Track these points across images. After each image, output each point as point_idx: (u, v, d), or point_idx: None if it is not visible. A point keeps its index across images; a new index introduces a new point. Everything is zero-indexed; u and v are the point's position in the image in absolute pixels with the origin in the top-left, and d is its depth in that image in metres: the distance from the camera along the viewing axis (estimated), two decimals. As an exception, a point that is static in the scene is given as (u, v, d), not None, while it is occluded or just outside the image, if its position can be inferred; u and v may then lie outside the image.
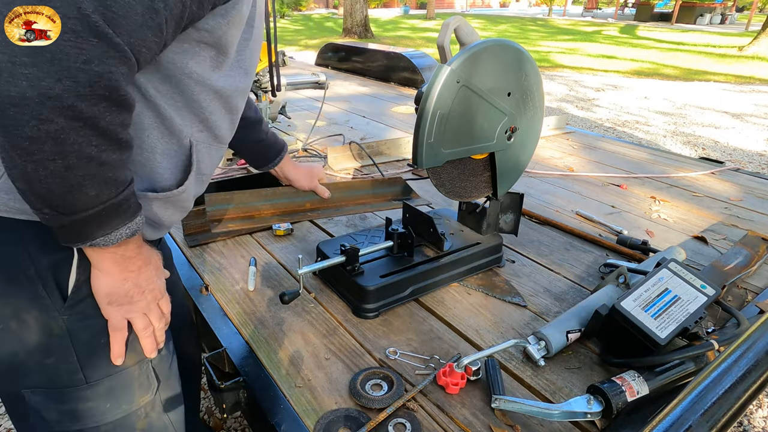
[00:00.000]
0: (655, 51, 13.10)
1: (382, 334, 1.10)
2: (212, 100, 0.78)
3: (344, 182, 1.63)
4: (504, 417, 0.88)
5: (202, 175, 0.86)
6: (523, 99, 1.20)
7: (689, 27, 21.01)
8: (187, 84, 0.72)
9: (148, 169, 0.75)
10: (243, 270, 1.33)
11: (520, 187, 1.80)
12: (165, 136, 0.74)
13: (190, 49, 0.69)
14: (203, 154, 0.83)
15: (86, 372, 0.76)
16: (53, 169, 0.56)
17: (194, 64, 0.71)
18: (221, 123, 0.83)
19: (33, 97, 0.51)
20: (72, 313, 0.73)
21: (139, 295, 0.75)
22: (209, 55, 0.72)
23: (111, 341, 0.76)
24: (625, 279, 1.16)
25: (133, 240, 0.70)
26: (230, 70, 0.78)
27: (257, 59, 0.87)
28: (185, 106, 0.75)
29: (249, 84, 0.86)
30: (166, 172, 0.78)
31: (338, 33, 16.56)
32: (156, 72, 0.69)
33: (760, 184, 2.11)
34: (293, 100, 3.34)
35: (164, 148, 0.75)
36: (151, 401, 0.86)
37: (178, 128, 0.75)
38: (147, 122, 0.71)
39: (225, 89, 0.78)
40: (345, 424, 0.85)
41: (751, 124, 6.32)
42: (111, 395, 0.79)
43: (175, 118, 0.74)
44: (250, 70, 0.84)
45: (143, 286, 0.75)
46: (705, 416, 0.71)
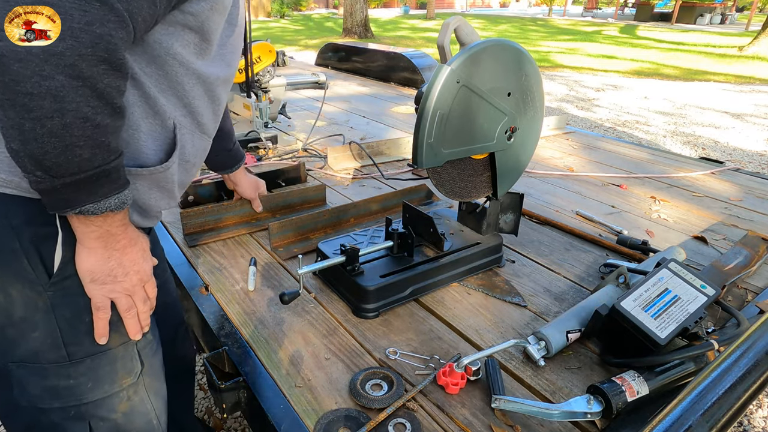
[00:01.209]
0: (655, 51, 13.10)
1: (382, 334, 1.10)
2: (195, 85, 0.80)
3: (377, 197, 1.67)
4: (504, 417, 0.88)
5: (185, 162, 0.87)
6: (523, 99, 1.20)
7: (689, 27, 21.01)
8: (171, 65, 0.74)
9: (132, 148, 0.76)
10: (243, 270, 1.33)
11: (520, 187, 1.80)
12: (149, 116, 0.76)
13: (175, 32, 0.72)
14: (187, 139, 0.84)
15: (69, 349, 0.77)
16: (50, 127, 0.57)
17: (179, 47, 0.74)
18: (204, 110, 0.85)
19: (38, 53, 0.53)
20: (56, 289, 0.74)
21: (122, 275, 0.75)
22: (193, 40, 0.75)
23: (94, 320, 0.76)
24: (625, 279, 1.16)
25: (119, 215, 0.71)
26: (213, 59, 0.81)
27: (238, 56, 0.91)
28: (169, 88, 0.77)
29: (231, 76, 0.89)
30: (150, 152, 0.79)
31: (338, 33, 16.56)
32: (143, 53, 0.71)
33: (760, 184, 2.11)
34: (293, 100, 3.34)
35: (148, 128, 0.77)
36: (134, 384, 0.86)
37: (162, 109, 0.77)
38: (131, 99, 0.73)
39: (208, 76, 0.81)
40: (345, 424, 0.85)
41: (751, 124, 6.32)
42: (93, 374, 0.79)
43: (159, 98, 0.76)
44: (232, 63, 0.88)
45: (127, 267, 0.75)
46: (705, 416, 0.71)
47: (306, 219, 1.50)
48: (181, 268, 1.32)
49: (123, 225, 0.73)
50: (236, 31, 0.85)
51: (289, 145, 2.37)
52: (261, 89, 2.29)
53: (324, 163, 2.13)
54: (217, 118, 0.92)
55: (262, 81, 2.27)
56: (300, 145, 2.36)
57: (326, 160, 2.12)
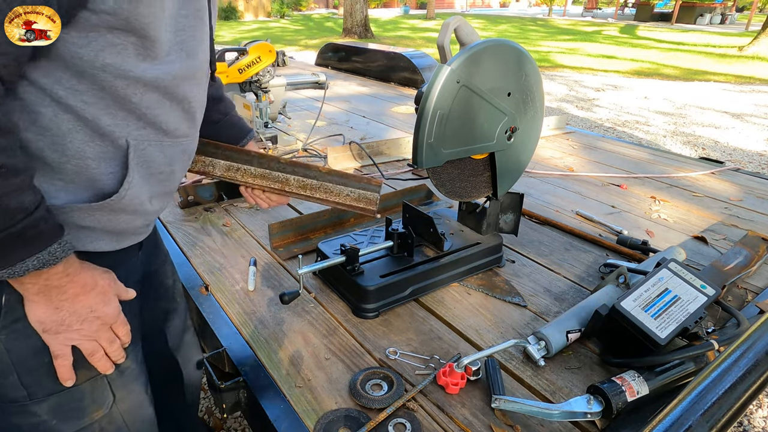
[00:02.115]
0: (655, 51, 13.09)
1: (382, 334, 1.10)
2: (145, 94, 0.69)
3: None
4: (504, 417, 0.88)
5: (159, 174, 0.78)
6: (523, 99, 1.20)
7: (689, 27, 21.01)
8: (104, 79, 0.64)
9: (84, 177, 0.68)
10: (243, 270, 1.33)
11: (520, 187, 1.80)
12: (94, 139, 0.67)
13: (99, 38, 0.61)
14: (152, 152, 0.74)
15: (30, 390, 0.72)
16: None
17: (109, 56, 0.62)
18: (167, 117, 0.74)
19: None
20: (8, 333, 0.68)
21: (78, 323, 0.69)
22: (130, 43, 0.63)
23: (56, 366, 0.71)
24: (625, 279, 1.16)
25: (59, 268, 0.64)
26: (168, 55, 0.69)
27: (204, 38, 0.78)
28: (114, 104, 0.67)
29: (197, 67, 0.77)
30: (107, 176, 0.70)
31: (338, 33, 16.56)
32: (65, 69, 0.62)
33: (760, 184, 2.11)
34: (293, 100, 3.34)
35: (96, 152, 0.68)
36: (107, 415, 0.81)
37: (107, 129, 0.67)
38: (66, 127, 0.64)
39: (160, 80, 0.69)
40: (345, 424, 0.85)
41: (751, 124, 6.32)
42: (59, 411, 0.75)
43: (102, 118, 0.66)
44: (195, 51, 0.75)
45: (83, 314, 0.69)
46: (705, 416, 0.71)
47: (306, 219, 1.50)
48: (181, 268, 1.32)
49: (67, 275, 0.66)
50: (194, 8, 0.72)
51: (289, 145, 2.37)
52: (261, 89, 2.29)
53: (324, 163, 2.13)
54: (192, 115, 0.81)
55: (262, 81, 2.26)
56: (300, 145, 2.36)
57: (326, 160, 2.12)
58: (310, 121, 2.80)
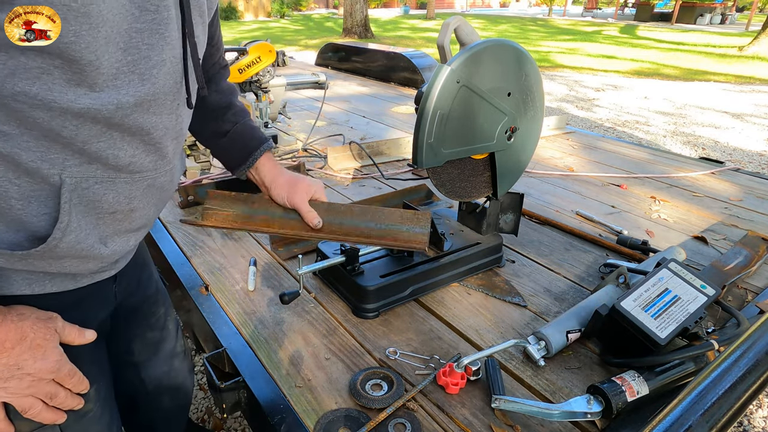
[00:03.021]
0: (655, 51, 13.10)
1: (382, 334, 1.10)
2: (82, 126, 0.59)
3: (377, 197, 1.61)
4: (504, 417, 0.88)
5: (111, 214, 0.68)
6: (523, 99, 1.20)
7: (689, 27, 21.01)
8: (19, 109, 0.54)
9: (8, 219, 0.60)
10: (243, 270, 1.33)
11: (520, 187, 1.80)
12: (19, 177, 0.59)
13: (9, 60, 0.52)
14: (98, 190, 0.64)
15: None
16: None
17: (21, 83, 0.53)
18: (117, 151, 0.64)
19: None
20: None
21: (16, 380, 0.63)
22: (54, 67, 0.53)
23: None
24: (625, 279, 1.16)
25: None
26: (115, 80, 0.59)
27: (165, 57, 0.65)
28: (41, 137, 0.58)
29: (156, 93, 0.64)
30: (40, 219, 0.61)
31: (338, 33, 16.56)
32: None
33: (760, 184, 2.11)
34: (293, 100, 3.34)
35: (23, 192, 0.60)
36: None
37: (32, 166, 0.58)
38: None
39: (96, 111, 0.58)
40: (345, 424, 0.85)
41: (751, 124, 6.32)
42: None
43: (22, 153, 0.57)
44: (151, 73, 0.62)
45: (23, 368, 0.63)
46: (705, 416, 0.71)
47: None
48: (181, 268, 1.32)
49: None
50: (151, 20, 0.60)
51: (289, 145, 2.37)
52: (261, 89, 2.29)
53: (324, 163, 2.13)
54: (155, 146, 0.69)
55: (262, 81, 2.26)
56: (300, 145, 2.36)
57: (326, 160, 2.13)
58: (310, 121, 2.80)
